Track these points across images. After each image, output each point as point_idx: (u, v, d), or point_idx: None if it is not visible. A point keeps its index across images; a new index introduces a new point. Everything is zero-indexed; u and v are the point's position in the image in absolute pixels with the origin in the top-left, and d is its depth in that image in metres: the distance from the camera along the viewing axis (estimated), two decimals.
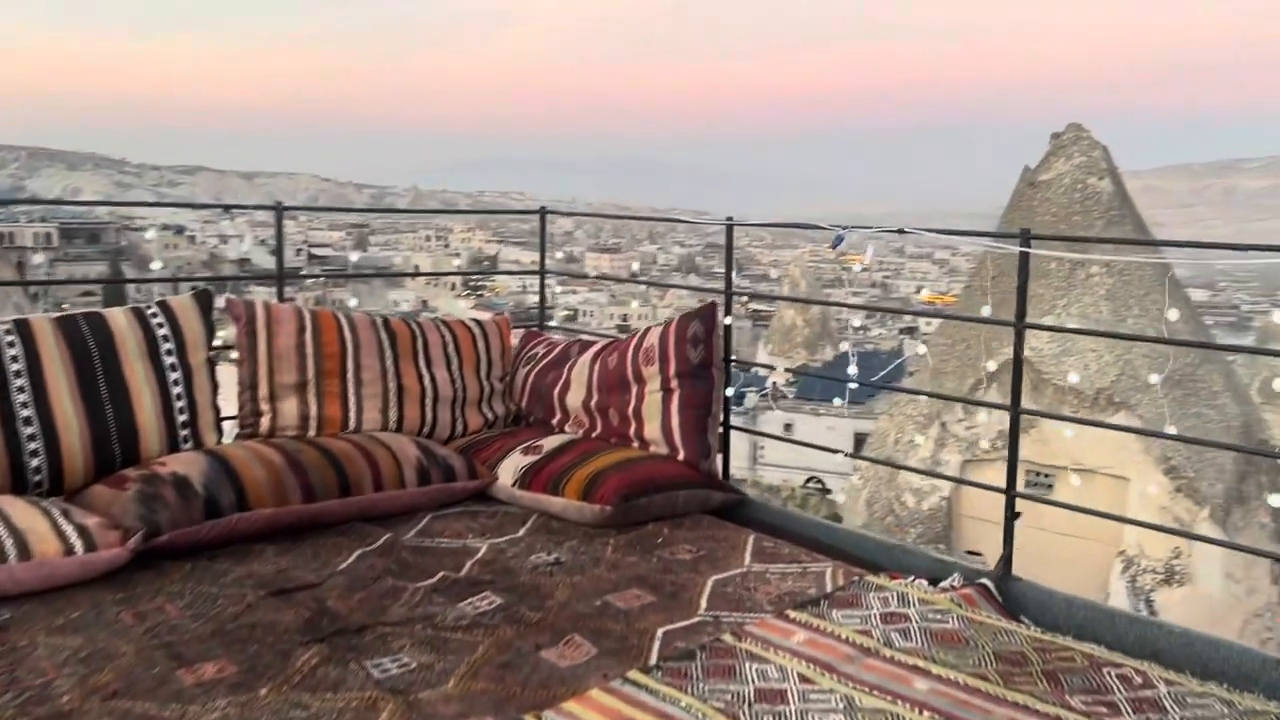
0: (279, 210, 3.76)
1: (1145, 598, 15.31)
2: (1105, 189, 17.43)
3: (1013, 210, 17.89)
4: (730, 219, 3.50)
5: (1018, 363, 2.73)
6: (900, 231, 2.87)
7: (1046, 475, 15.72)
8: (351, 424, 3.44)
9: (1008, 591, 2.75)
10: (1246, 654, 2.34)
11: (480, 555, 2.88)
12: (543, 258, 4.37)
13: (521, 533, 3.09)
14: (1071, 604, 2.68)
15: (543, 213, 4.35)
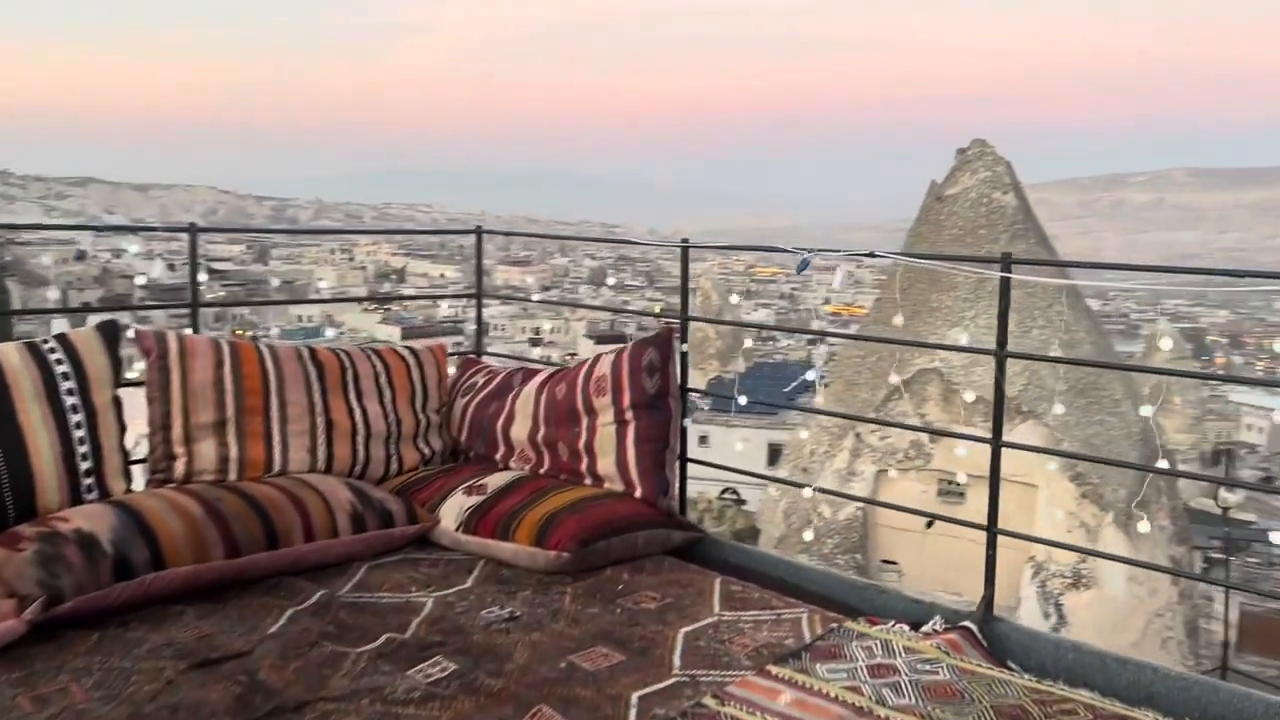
0: (193, 231, 3.44)
1: (1055, 601, 15.67)
2: (1009, 203, 17.89)
3: (921, 224, 18.23)
4: (686, 241, 3.32)
5: (999, 392, 2.60)
6: (871, 255, 2.73)
7: (958, 484, 15.97)
8: (276, 465, 3.14)
9: (991, 634, 2.61)
10: (1248, 699, 2.24)
11: (427, 612, 2.63)
12: (479, 279, 4.11)
13: (469, 583, 2.85)
14: (1059, 646, 2.55)
15: (479, 232, 4.10)
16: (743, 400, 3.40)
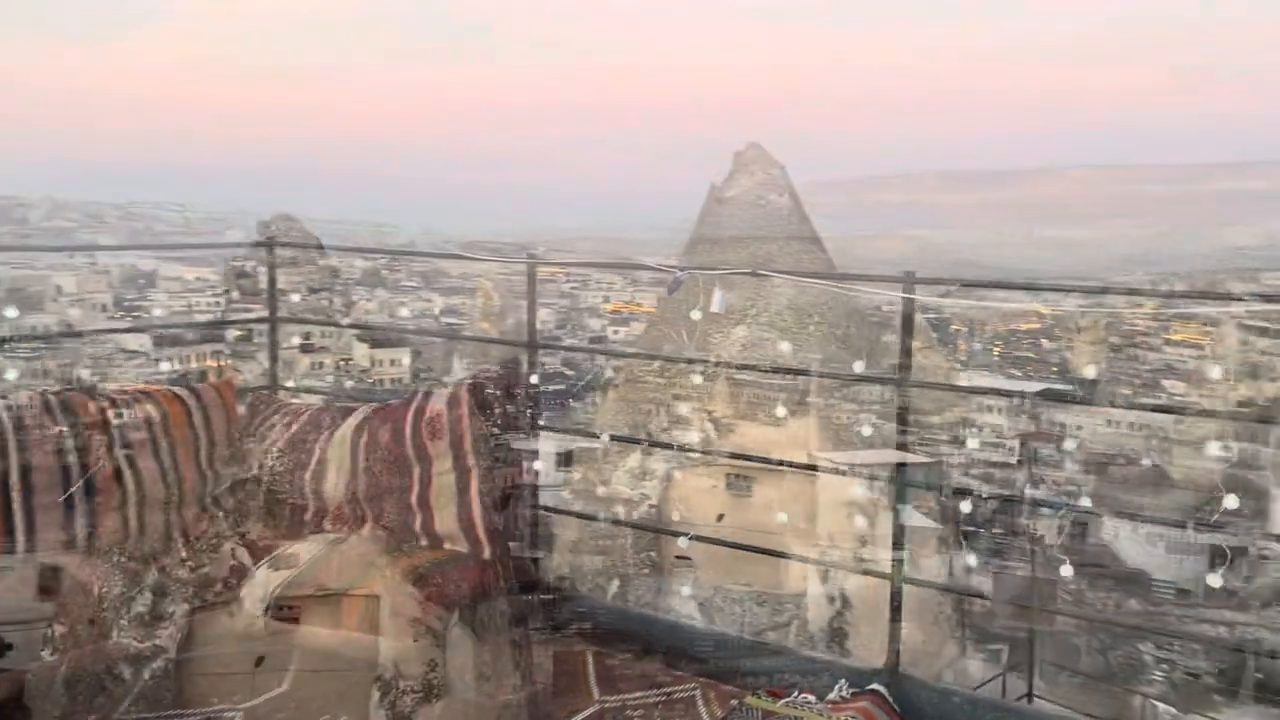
0: None
1: (839, 589, 16.26)
2: (784, 204, 18.49)
3: (702, 224, 18.57)
4: (532, 255, 2.90)
5: (902, 425, 2.35)
6: (753, 274, 2.42)
7: (745, 478, 16.32)
8: (20, 548, 2.47)
9: (901, 695, 2.35)
10: None
11: None
12: (273, 301, 3.50)
13: (286, 685, 2.31)
14: (976, 705, 2.33)
15: (270, 244, 3.50)
16: (605, 438, 3.02)
